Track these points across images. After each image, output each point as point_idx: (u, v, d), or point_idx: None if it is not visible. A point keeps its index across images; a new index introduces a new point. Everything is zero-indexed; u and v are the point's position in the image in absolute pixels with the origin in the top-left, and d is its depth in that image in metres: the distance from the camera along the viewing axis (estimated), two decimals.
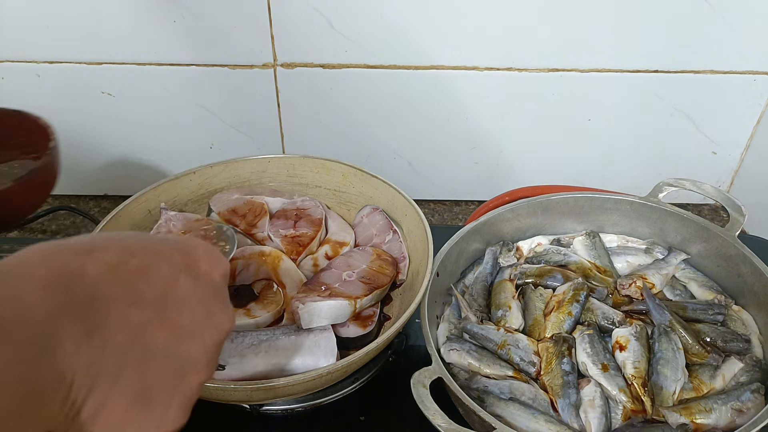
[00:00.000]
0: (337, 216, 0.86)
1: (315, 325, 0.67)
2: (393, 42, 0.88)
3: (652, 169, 1.00)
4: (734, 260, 0.75)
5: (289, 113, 0.96)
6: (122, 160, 1.01)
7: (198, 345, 0.38)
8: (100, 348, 0.33)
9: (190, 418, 0.38)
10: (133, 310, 0.35)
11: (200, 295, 0.39)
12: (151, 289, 0.36)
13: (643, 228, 0.84)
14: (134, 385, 0.35)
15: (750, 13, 0.85)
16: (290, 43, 0.89)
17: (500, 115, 0.95)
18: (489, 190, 0.95)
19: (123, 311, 0.35)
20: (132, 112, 0.96)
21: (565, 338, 0.69)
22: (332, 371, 0.61)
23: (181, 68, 0.91)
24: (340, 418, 0.71)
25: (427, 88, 0.92)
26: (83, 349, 0.32)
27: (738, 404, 0.63)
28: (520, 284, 0.78)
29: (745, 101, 0.94)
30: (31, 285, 0.32)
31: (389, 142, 0.99)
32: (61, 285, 0.33)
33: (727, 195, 0.80)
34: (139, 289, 0.36)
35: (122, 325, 0.34)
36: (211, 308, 0.40)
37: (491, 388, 0.66)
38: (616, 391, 0.65)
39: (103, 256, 0.35)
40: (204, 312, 0.39)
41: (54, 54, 0.90)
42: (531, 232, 0.85)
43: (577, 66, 0.90)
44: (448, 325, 0.74)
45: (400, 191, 0.80)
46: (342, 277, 0.72)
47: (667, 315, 0.70)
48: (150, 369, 0.36)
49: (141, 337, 0.35)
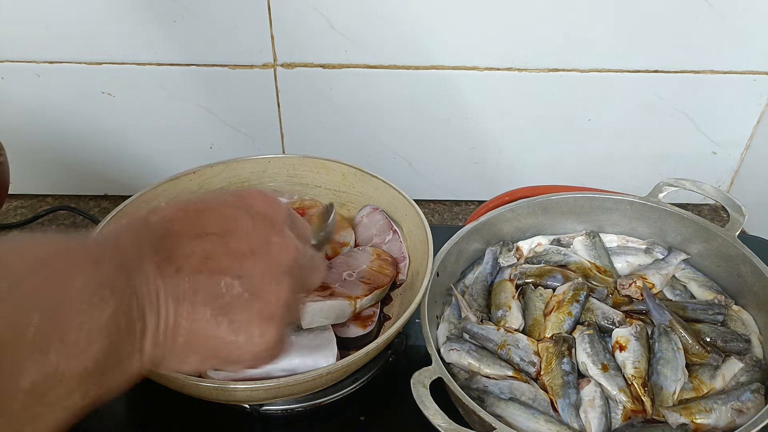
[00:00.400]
0: (337, 216, 0.86)
1: (315, 325, 0.67)
2: (393, 42, 0.88)
3: (652, 169, 1.00)
4: (734, 260, 0.75)
5: (289, 113, 0.96)
6: (122, 160, 1.01)
7: (261, 264, 0.42)
8: (175, 271, 0.39)
9: (190, 419, 0.39)
10: (198, 241, 0.40)
11: (258, 229, 0.43)
12: (213, 225, 0.42)
13: (643, 228, 0.84)
14: (211, 301, 0.40)
15: (750, 13, 0.85)
16: (290, 43, 0.89)
17: (500, 115, 0.95)
18: (489, 190, 0.95)
19: (189, 242, 0.40)
20: (132, 112, 0.96)
21: (565, 338, 0.69)
22: (332, 371, 0.61)
23: (181, 68, 0.91)
24: (340, 418, 0.71)
25: (427, 88, 0.92)
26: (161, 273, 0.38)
27: (738, 404, 0.63)
28: (520, 284, 0.78)
29: (745, 101, 0.94)
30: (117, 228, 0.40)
31: (389, 142, 0.99)
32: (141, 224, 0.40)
33: (727, 195, 0.80)
34: (202, 224, 0.42)
35: (190, 253, 0.40)
36: (269, 237, 0.43)
37: (491, 388, 0.66)
38: (616, 391, 0.65)
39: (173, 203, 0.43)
40: (263, 240, 0.43)
41: (54, 54, 0.90)
42: (531, 232, 0.85)
43: (577, 66, 0.90)
44: (448, 325, 0.74)
45: (400, 191, 0.80)
46: (342, 277, 0.72)
47: (667, 315, 0.70)
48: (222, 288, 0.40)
49: (207, 262, 0.40)
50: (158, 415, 0.71)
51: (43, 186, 1.03)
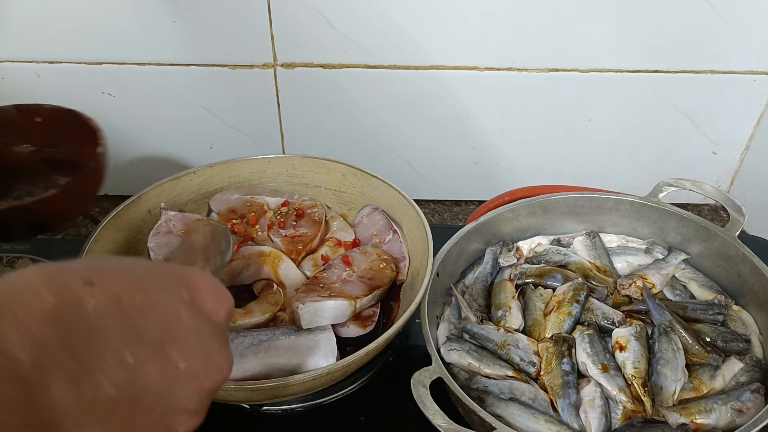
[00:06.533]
0: (337, 216, 0.86)
1: (315, 325, 0.67)
2: (393, 42, 0.88)
3: (652, 169, 1.00)
4: (734, 260, 0.75)
5: (289, 113, 0.96)
6: (122, 160, 1.01)
7: (192, 389, 0.37)
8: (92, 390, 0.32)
9: None
10: (132, 349, 0.34)
11: (202, 336, 0.37)
12: (153, 327, 0.35)
13: (643, 228, 0.84)
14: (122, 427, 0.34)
15: (750, 13, 0.85)
16: (290, 43, 0.89)
17: (500, 115, 0.95)
18: (489, 190, 0.95)
19: (121, 350, 0.33)
20: (132, 112, 0.96)
21: (565, 338, 0.69)
22: (332, 371, 0.61)
23: (181, 68, 0.91)
24: (340, 418, 0.71)
25: (427, 88, 0.92)
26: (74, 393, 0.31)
27: (738, 404, 0.63)
28: (520, 284, 0.78)
29: (745, 101, 0.94)
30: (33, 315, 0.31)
31: (389, 142, 0.99)
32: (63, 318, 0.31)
33: (727, 195, 0.80)
34: (140, 326, 0.34)
35: (118, 365, 0.33)
36: (211, 350, 0.38)
37: (491, 388, 0.66)
38: (616, 391, 0.65)
39: (109, 287, 0.34)
40: (204, 354, 0.37)
41: (54, 54, 0.90)
42: (531, 232, 0.85)
43: (577, 66, 0.90)
44: (448, 325, 0.74)
45: (400, 191, 0.80)
46: (342, 277, 0.72)
47: (667, 315, 0.70)
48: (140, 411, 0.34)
49: (136, 377, 0.34)
50: None
51: None
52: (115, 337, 0.33)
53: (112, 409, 0.33)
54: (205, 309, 0.38)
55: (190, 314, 0.37)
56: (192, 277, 0.39)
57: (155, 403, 0.35)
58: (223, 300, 0.40)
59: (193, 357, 0.36)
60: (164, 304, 0.36)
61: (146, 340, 0.34)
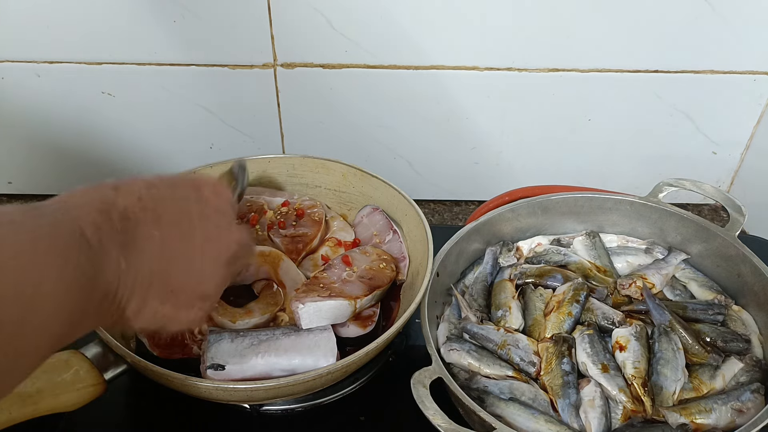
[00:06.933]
0: (337, 216, 0.86)
1: (315, 325, 0.67)
2: (393, 42, 0.88)
3: (652, 169, 1.00)
4: (734, 260, 0.75)
5: (289, 113, 0.96)
6: (122, 159, 1.01)
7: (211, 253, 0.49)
8: (135, 258, 0.43)
9: (190, 418, 0.39)
10: (155, 228, 0.45)
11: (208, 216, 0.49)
12: (168, 213, 0.47)
13: (643, 228, 0.84)
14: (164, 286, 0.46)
15: (750, 14, 0.85)
16: (290, 43, 0.89)
17: (500, 115, 0.95)
18: (489, 190, 0.95)
19: (148, 229, 0.45)
20: (132, 112, 0.96)
21: (565, 338, 0.69)
22: (332, 371, 0.61)
23: (181, 68, 0.91)
24: (340, 418, 0.71)
25: (427, 88, 0.92)
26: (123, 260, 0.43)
27: (738, 404, 0.63)
28: (520, 284, 0.78)
29: (745, 101, 0.94)
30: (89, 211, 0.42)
31: (389, 142, 0.99)
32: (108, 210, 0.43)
33: (727, 195, 0.80)
34: (158, 212, 0.46)
35: (148, 239, 0.45)
36: (219, 224, 0.50)
37: (491, 388, 0.66)
38: (616, 391, 0.65)
39: (131, 189, 0.46)
40: (213, 227, 0.50)
41: (54, 54, 0.90)
42: (531, 232, 0.85)
43: (577, 66, 0.90)
44: (448, 325, 0.74)
45: (400, 191, 0.80)
46: (342, 277, 0.72)
47: (667, 315, 0.70)
48: (173, 273, 0.47)
49: (164, 249, 0.46)
50: (158, 415, 0.71)
51: (43, 186, 1.03)
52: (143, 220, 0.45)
53: (152, 272, 0.45)
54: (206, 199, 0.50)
55: (195, 204, 0.49)
56: (195, 179, 0.53)
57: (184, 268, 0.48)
58: (219, 193, 0.52)
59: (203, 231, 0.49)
60: (175, 197, 0.48)
61: (164, 221, 0.46)
